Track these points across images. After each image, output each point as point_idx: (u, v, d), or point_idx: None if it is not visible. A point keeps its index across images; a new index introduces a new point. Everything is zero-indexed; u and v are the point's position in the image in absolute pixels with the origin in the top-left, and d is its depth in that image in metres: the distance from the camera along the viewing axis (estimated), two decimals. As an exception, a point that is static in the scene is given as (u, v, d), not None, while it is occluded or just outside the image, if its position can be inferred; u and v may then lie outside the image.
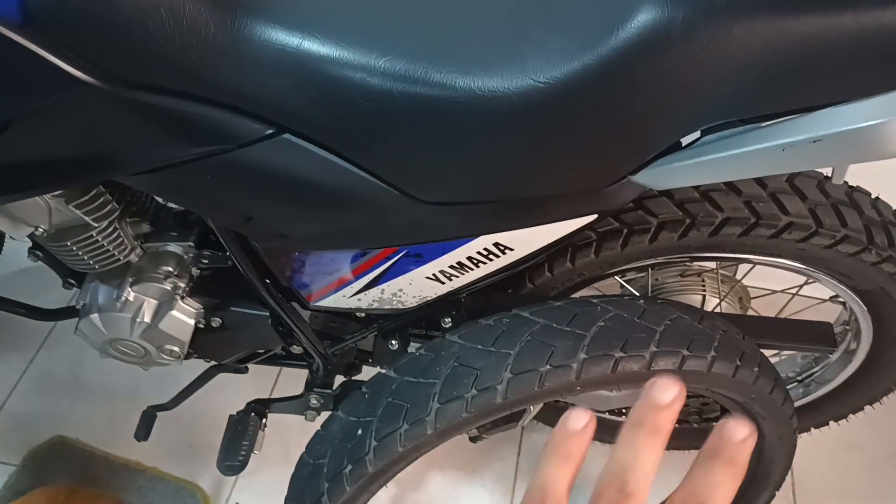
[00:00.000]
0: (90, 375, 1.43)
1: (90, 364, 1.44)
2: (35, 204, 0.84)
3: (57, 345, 1.48)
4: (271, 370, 1.44)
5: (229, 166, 0.70)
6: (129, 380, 1.42)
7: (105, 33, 0.61)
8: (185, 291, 0.94)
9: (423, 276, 0.80)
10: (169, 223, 0.95)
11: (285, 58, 0.63)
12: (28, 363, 1.45)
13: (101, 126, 0.68)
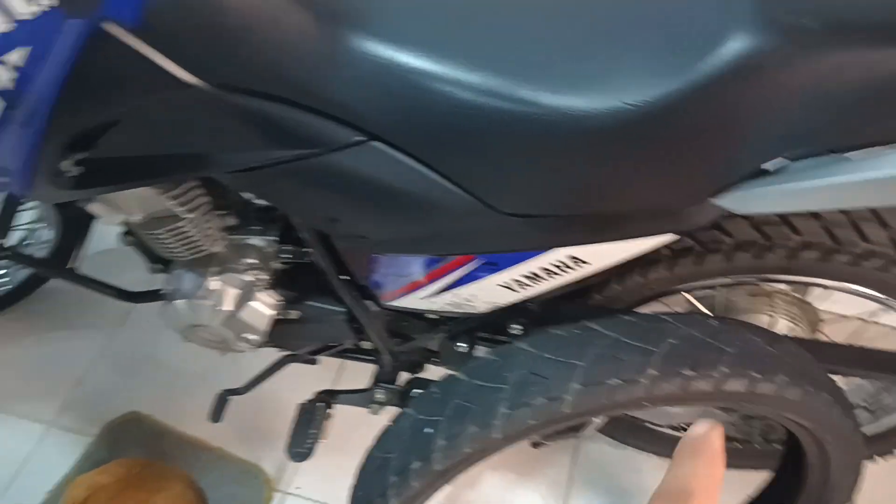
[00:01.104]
0: (164, 356, 1.50)
1: (165, 345, 1.51)
2: (132, 193, 0.89)
3: (135, 325, 1.55)
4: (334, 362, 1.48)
5: (319, 170, 0.74)
6: (200, 362, 1.48)
7: (213, 39, 0.65)
8: (265, 284, 0.98)
9: (496, 284, 0.82)
10: (253, 218, 0.99)
11: (380, 69, 0.66)
12: (108, 340, 1.53)
13: (202, 126, 0.72)
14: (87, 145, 0.75)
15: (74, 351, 1.50)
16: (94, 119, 0.71)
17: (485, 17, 0.71)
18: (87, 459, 1.35)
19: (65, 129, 0.71)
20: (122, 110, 0.71)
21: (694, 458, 0.30)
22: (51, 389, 1.44)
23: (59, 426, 1.40)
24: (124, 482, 1.15)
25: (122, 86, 0.68)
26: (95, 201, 0.91)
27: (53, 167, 0.76)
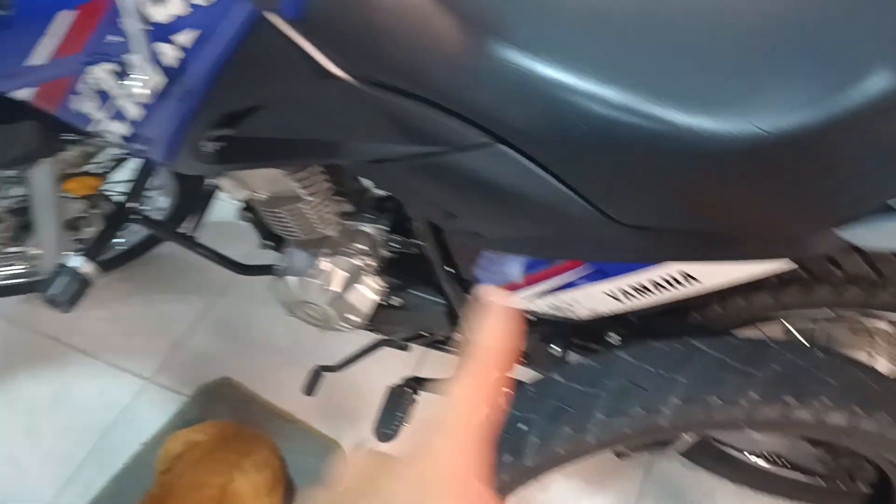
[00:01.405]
0: (259, 327, 1.58)
1: (260, 317, 1.59)
2: (260, 172, 0.95)
3: (234, 295, 1.63)
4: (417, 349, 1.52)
5: (444, 167, 0.77)
6: (291, 337, 1.55)
7: (363, 37, 0.69)
8: (372, 269, 1.03)
9: (602, 292, 0.83)
10: (367, 206, 1.04)
11: (517, 77, 0.69)
12: (207, 307, 1.61)
13: (341, 116, 0.76)
14: (229, 124, 0.81)
15: (176, 314, 1.59)
16: (244, 102, 0.77)
17: (625, 32, 0.73)
18: (180, 417, 1.43)
19: (215, 109, 0.77)
20: (270, 96, 0.76)
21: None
22: (152, 348, 1.54)
23: (156, 383, 1.49)
24: (217, 442, 1.22)
25: (274, 73, 0.73)
26: (225, 176, 0.98)
27: (197, 142, 0.83)
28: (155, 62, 0.72)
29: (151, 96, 0.61)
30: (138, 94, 0.60)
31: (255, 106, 0.78)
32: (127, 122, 0.80)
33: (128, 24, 0.67)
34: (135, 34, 0.59)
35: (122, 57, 0.71)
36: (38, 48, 0.71)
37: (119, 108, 0.78)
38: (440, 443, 0.27)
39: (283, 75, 0.73)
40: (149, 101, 0.63)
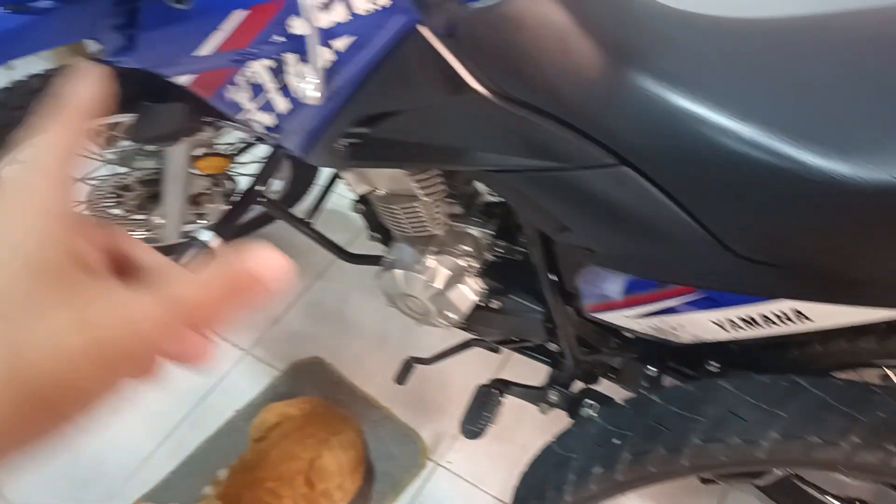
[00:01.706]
0: (351, 313, 1.65)
1: (353, 303, 1.66)
2: (385, 171, 1.00)
3: (330, 279, 1.71)
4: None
5: (564, 182, 0.80)
6: (382, 325, 1.61)
7: (506, 55, 0.73)
8: (475, 271, 1.06)
9: (709, 320, 0.85)
10: (476, 210, 1.08)
11: (651, 104, 0.71)
12: (305, 289, 1.69)
13: (473, 127, 0.80)
14: (365, 124, 0.86)
15: (276, 292, 1.67)
16: (384, 106, 0.81)
17: (760, 70, 0.74)
18: (272, 390, 1.51)
19: (356, 110, 0.82)
20: (409, 102, 0.81)
21: None
22: (252, 321, 1.63)
23: (252, 355, 1.58)
24: (308, 418, 1.28)
25: (417, 82, 0.77)
26: (350, 171, 1.03)
27: (333, 139, 0.88)
28: (311, 62, 0.78)
29: (321, 98, 0.66)
30: (309, 96, 0.65)
31: (394, 110, 0.82)
32: (273, 115, 0.86)
33: (301, 27, 0.72)
34: (310, 39, 0.64)
35: (282, 55, 0.77)
36: (208, 41, 0.77)
37: (269, 101, 0.84)
38: (29, 176, 0.27)
39: (425, 85, 0.77)
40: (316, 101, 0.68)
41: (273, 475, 1.18)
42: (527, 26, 0.71)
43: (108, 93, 0.29)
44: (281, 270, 0.27)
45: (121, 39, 0.84)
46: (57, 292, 0.25)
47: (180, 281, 0.27)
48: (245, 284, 0.27)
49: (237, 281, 0.27)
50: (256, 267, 0.27)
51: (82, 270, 0.26)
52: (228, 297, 0.27)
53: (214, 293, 0.27)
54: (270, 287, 0.27)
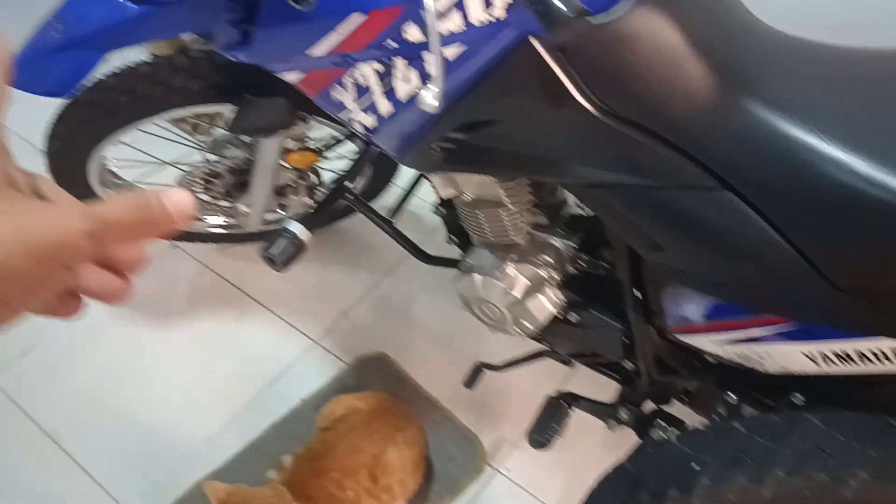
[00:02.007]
0: (418, 312, 1.66)
1: (420, 302, 1.68)
2: (475, 177, 1.01)
3: (399, 277, 1.73)
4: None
5: (661, 202, 0.80)
6: (448, 326, 1.62)
7: (616, 72, 0.73)
8: (555, 282, 1.07)
9: (800, 351, 0.83)
10: (560, 221, 1.08)
11: (761, 131, 0.71)
12: (375, 284, 1.72)
13: (573, 141, 0.81)
14: (463, 130, 0.87)
15: (347, 285, 1.71)
16: (486, 114, 0.83)
17: (875, 100, 0.72)
18: (338, 382, 1.54)
19: (458, 117, 0.83)
20: (512, 112, 0.82)
21: None
22: (321, 312, 1.66)
23: (320, 345, 1.61)
24: (374, 412, 1.30)
25: (523, 94, 0.78)
26: (438, 174, 1.05)
27: (430, 143, 0.90)
28: (419, 68, 0.80)
29: (439, 106, 0.67)
30: (428, 104, 0.67)
31: (494, 119, 0.83)
32: (375, 116, 0.88)
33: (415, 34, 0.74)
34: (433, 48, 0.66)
35: (392, 60, 0.79)
36: (323, 42, 0.80)
37: (373, 103, 0.86)
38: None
39: (530, 97, 0.78)
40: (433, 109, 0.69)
41: (338, 466, 1.21)
42: (640, 45, 0.71)
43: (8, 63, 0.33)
44: (187, 208, 0.32)
45: (236, 34, 0.87)
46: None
47: (100, 202, 0.30)
48: (156, 214, 0.31)
49: (149, 209, 0.31)
50: (167, 201, 0.31)
51: (15, 187, 0.30)
52: (141, 221, 0.31)
53: (130, 215, 0.30)
54: (176, 221, 0.31)
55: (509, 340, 1.41)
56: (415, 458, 1.28)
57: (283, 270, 1.08)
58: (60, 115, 1.20)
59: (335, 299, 1.69)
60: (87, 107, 1.14)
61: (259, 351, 1.60)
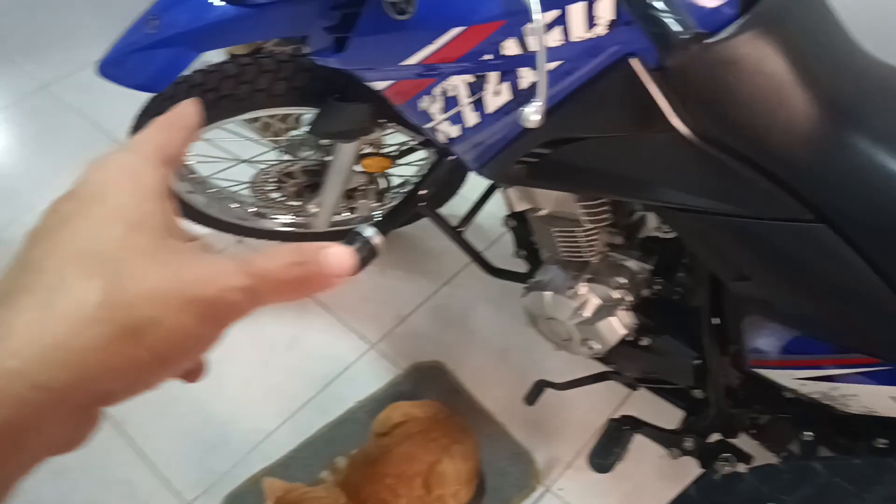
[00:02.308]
0: (475, 323, 1.66)
1: (478, 313, 1.67)
2: (554, 193, 1.00)
3: (457, 286, 1.73)
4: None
5: (754, 231, 0.78)
6: (505, 340, 1.61)
7: (718, 98, 0.71)
8: (628, 304, 1.05)
9: (889, 396, 0.80)
10: (636, 243, 1.06)
11: (865, 165, 0.69)
12: (433, 292, 1.72)
13: (663, 163, 0.79)
14: (549, 146, 0.87)
15: (406, 291, 1.71)
16: (576, 131, 0.82)
17: None
18: (393, 388, 1.54)
19: (546, 132, 0.83)
20: (602, 130, 0.81)
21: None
22: (379, 316, 1.67)
23: (377, 350, 1.62)
24: (432, 422, 1.30)
25: (616, 112, 0.77)
26: (515, 187, 1.04)
27: (514, 157, 0.89)
28: (511, 82, 0.79)
29: (541, 121, 0.67)
30: (531, 120, 0.67)
31: (583, 136, 0.83)
32: (460, 127, 0.88)
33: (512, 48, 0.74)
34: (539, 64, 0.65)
35: (485, 73, 0.79)
36: (419, 52, 0.80)
37: (460, 114, 0.86)
38: (127, 154, 0.30)
39: (623, 116, 0.77)
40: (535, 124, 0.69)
41: (393, 472, 1.21)
42: (744, 70, 0.70)
43: (199, 121, 0.33)
44: (349, 267, 0.29)
45: (331, 40, 0.88)
46: (152, 249, 0.27)
47: (262, 254, 0.28)
48: (314, 271, 0.29)
49: (308, 266, 0.29)
50: (328, 259, 0.29)
51: (175, 237, 0.29)
52: (299, 279, 0.29)
53: (288, 271, 0.28)
54: (335, 281, 0.29)
55: (568, 359, 1.39)
56: (469, 471, 1.27)
57: (356, 274, 1.09)
58: (147, 108, 1.24)
59: (393, 304, 1.69)
60: (174, 102, 1.17)
61: (317, 351, 1.61)
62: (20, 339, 0.24)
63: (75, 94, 2.16)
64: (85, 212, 0.27)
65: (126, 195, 0.28)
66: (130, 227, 0.27)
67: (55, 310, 0.24)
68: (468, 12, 0.73)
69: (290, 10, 0.91)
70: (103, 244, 0.26)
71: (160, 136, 0.31)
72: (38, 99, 2.16)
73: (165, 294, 0.26)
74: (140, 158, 0.30)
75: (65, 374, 0.24)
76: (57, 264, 0.26)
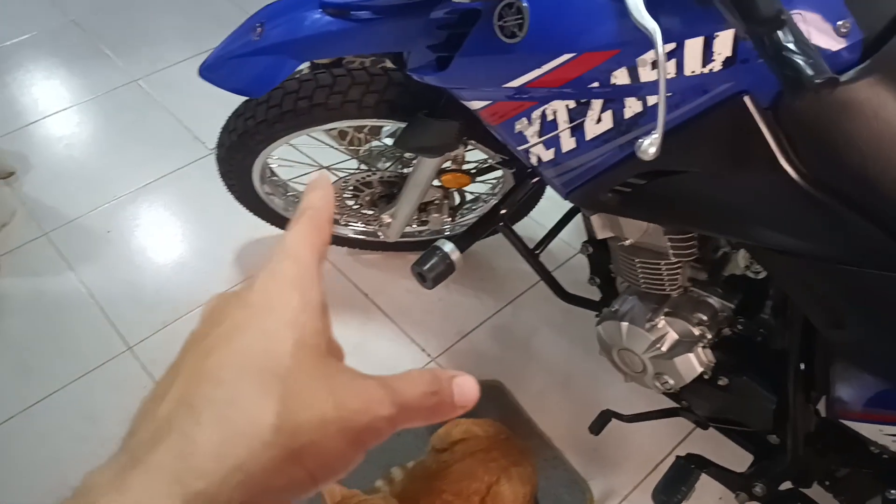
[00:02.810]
0: (537, 346, 1.65)
1: (541, 337, 1.66)
2: (639, 222, 0.99)
3: (522, 307, 1.72)
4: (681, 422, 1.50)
5: (857, 280, 0.75)
6: (565, 366, 1.60)
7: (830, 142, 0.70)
8: (707, 342, 1.03)
9: None
10: (720, 279, 1.04)
11: None
12: (496, 311, 1.72)
13: (767, 203, 0.77)
14: (645, 177, 0.86)
15: (470, 307, 1.71)
16: (676, 164, 0.81)
17: None
18: (451, 402, 1.54)
19: (645, 164, 0.81)
20: (704, 166, 0.79)
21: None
22: (441, 330, 1.67)
23: (437, 364, 1.62)
24: (493, 441, 1.29)
25: (721, 149, 0.76)
26: (601, 215, 1.04)
27: (609, 185, 0.89)
28: (614, 110, 0.79)
29: (656, 153, 0.67)
30: (649, 153, 0.66)
31: (682, 170, 0.82)
32: (554, 151, 0.88)
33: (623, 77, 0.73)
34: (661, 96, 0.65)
35: (591, 101, 0.79)
36: (524, 75, 0.80)
37: (557, 138, 0.86)
38: (279, 267, 0.30)
39: (729, 152, 0.76)
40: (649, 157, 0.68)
41: (452, 489, 1.20)
42: (861, 115, 0.68)
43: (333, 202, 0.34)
44: (473, 399, 0.32)
45: (432, 58, 0.90)
46: (316, 369, 0.28)
47: (402, 379, 0.30)
48: (447, 404, 0.31)
49: (443, 397, 0.31)
50: (461, 390, 0.31)
51: (333, 354, 0.31)
52: (431, 408, 0.31)
53: (424, 400, 0.30)
54: (458, 411, 0.31)
55: (630, 389, 1.37)
56: (526, 496, 1.26)
57: (432, 287, 1.09)
58: (240, 111, 1.27)
59: (456, 320, 1.69)
60: (268, 107, 1.20)
61: (378, 359, 1.62)
62: (205, 457, 0.25)
63: (161, 91, 2.24)
64: (258, 323, 0.28)
65: (295, 310, 0.29)
66: (298, 345, 0.28)
67: (235, 428, 0.25)
68: (581, 40, 0.73)
69: (395, 26, 0.93)
70: (275, 361, 0.27)
71: (316, 238, 0.32)
72: (126, 93, 2.24)
73: (327, 420, 0.27)
74: (304, 269, 0.31)
75: (240, 494, 0.25)
76: (234, 377, 0.26)
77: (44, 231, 1.85)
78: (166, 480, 0.24)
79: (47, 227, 1.86)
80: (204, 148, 2.05)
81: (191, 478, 0.24)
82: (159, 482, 0.24)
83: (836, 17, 0.66)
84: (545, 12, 0.74)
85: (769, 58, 0.55)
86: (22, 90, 2.27)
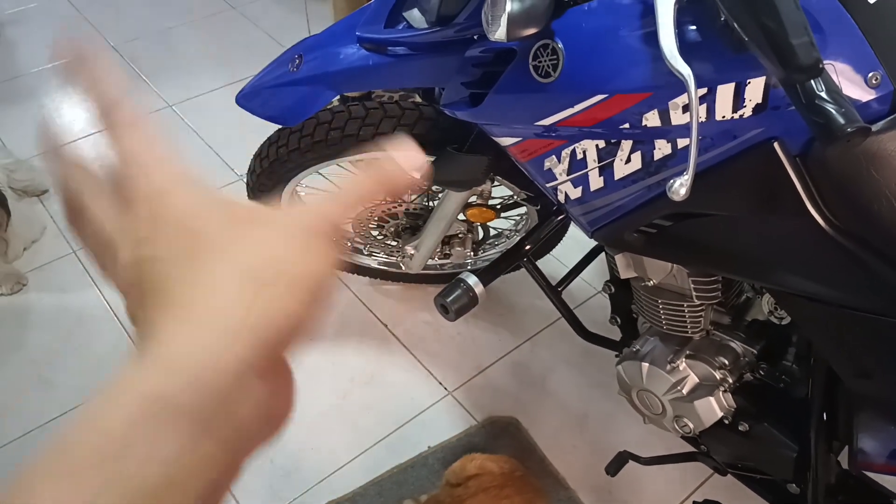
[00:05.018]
0: (554, 384, 1.64)
1: (558, 375, 1.65)
2: (665, 264, 1.00)
3: (540, 345, 1.72)
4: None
5: (885, 330, 0.75)
6: (582, 406, 1.59)
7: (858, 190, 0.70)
8: (728, 386, 1.02)
9: None
10: (743, 324, 1.04)
11: None
12: (514, 347, 1.71)
13: (793, 249, 0.78)
14: (671, 218, 0.87)
15: (487, 342, 1.71)
16: (703, 207, 0.82)
17: None
18: (466, 437, 1.53)
19: (672, 206, 0.82)
20: (732, 209, 0.80)
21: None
22: (459, 365, 1.67)
23: (453, 398, 1.61)
24: (507, 479, 1.28)
25: (748, 194, 0.77)
26: (626, 254, 1.04)
27: (634, 226, 0.90)
28: (643, 151, 0.80)
29: (685, 195, 0.68)
30: (679, 194, 0.67)
31: (710, 213, 0.82)
32: (581, 189, 0.89)
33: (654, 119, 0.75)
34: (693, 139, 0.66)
35: (621, 141, 0.81)
36: (556, 114, 0.82)
37: (585, 176, 0.88)
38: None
39: (757, 198, 0.76)
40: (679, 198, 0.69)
41: (465, 525, 1.19)
42: (890, 166, 0.69)
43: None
44: (419, 163, 0.32)
45: (466, 95, 0.92)
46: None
47: (333, 196, 0.31)
48: (391, 178, 0.31)
49: (384, 176, 0.31)
50: (398, 164, 0.31)
51: None
52: (381, 183, 0.31)
53: (371, 181, 0.31)
54: (410, 178, 0.32)
55: (647, 432, 1.36)
56: (539, 535, 1.25)
57: (454, 319, 1.10)
58: (273, 139, 1.30)
59: (474, 354, 1.69)
60: (301, 136, 1.23)
61: (394, 390, 1.62)
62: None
63: (194, 117, 2.29)
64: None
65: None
66: None
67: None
68: (614, 81, 0.74)
69: (431, 62, 0.95)
70: None
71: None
72: (160, 117, 2.29)
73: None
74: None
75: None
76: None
77: (72, 249, 1.88)
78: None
79: (76, 245, 1.89)
80: (233, 174, 2.09)
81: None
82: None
83: (868, 69, 0.67)
84: (580, 54, 0.76)
85: (802, 106, 0.57)
86: (58, 112, 2.33)
